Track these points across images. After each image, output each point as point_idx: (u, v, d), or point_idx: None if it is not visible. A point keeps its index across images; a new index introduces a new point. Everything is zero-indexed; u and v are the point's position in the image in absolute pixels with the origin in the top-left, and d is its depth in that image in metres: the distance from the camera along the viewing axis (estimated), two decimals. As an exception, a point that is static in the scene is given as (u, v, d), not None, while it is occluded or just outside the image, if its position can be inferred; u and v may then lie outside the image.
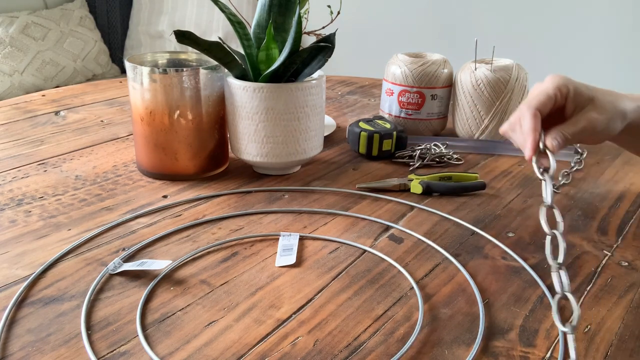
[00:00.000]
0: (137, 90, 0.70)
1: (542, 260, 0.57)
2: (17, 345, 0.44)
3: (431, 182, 0.71)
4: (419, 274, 0.54)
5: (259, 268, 0.55)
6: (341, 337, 0.45)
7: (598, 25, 1.93)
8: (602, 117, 0.57)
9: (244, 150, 0.73)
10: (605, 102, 0.58)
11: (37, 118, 0.97)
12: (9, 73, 1.96)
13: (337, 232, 0.62)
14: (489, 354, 0.44)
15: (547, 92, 0.56)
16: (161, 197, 0.69)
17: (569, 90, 0.57)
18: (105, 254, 0.56)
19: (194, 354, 0.43)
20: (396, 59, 0.92)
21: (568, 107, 0.58)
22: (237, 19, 0.70)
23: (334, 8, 0.81)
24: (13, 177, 0.73)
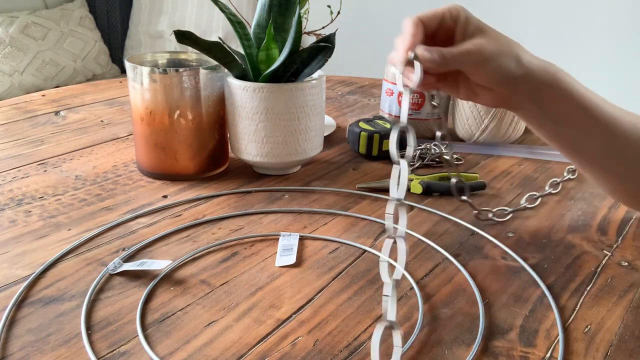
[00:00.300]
0: (137, 90, 0.70)
1: (542, 260, 0.57)
2: (17, 345, 0.44)
3: (431, 182, 0.71)
4: (419, 274, 0.54)
5: (259, 268, 0.55)
6: (341, 337, 0.45)
7: (598, 25, 1.93)
8: (491, 46, 0.52)
9: (244, 150, 0.73)
10: (499, 36, 0.53)
11: (37, 118, 0.97)
12: (9, 73, 1.96)
13: (337, 232, 0.62)
14: (489, 354, 0.44)
15: (437, 10, 0.53)
16: (161, 197, 0.69)
17: (459, 14, 0.53)
18: (105, 254, 0.56)
19: (194, 354, 0.43)
20: (396, 59, 0.92)
21: (457, 33, 0.53)
22: (237, 19, 0.70)
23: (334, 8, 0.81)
24: (13, 177, 0.73)
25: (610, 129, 0.55)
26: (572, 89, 0.54)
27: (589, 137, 0.55)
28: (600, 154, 0.56)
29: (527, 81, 0.54)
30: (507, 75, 0.53)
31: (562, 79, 0.54)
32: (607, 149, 0.56)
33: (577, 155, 0.58)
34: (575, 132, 0.56)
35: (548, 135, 0.57)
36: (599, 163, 0.57)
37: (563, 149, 0.58)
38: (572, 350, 0.45)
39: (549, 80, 0.54)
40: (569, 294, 0.52)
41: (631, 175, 0.57)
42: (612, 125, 0.55)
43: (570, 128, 0.55)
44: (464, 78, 0.56)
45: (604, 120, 0.55)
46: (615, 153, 0.56)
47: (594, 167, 0.58)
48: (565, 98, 0.54)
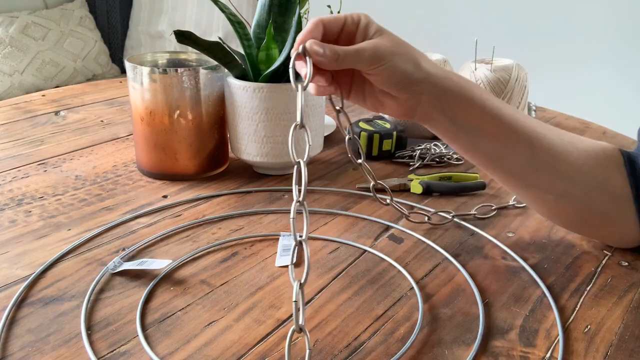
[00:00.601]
0: (137, 90, 0.70)
1: (542, 260, 0.57)
2: (17, 345, 0.44)
3: (431, 182, 0.71)
4: (419, 274, 0.54)
5: (259, 268, 0.55)
6: (341, 337, 0.45)
7: (598, 25, 1.93)
8: (387, 45, 0.50)
9: (244, 150, 0.73)
10: (398, 39, 0.51)
11: (37, 118, 0.97)
12: (9, 73, 1.96)
13: (337, 232, 0.62)
14: (489, 354, 0.44)
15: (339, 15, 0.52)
16: (161, 197, 0.69)
17: (360, 19, 0.51)
18: (105, 254, 0.56)
19: (194, 354, 0.43)
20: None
21: (358, 37, 0.52)
22: (237, 19, 0.70)
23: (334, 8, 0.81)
24: (13, 177, 0.73)
25: (534, 141, 0.53)
26: (483, 99, 0.53)
27: (513, 149, 0.53)
28: (526, 167, 0.54)
29: (429, 88, 0.52)
30: (405, 77, 0.51)
31: (469, 89, 0.53)
32: (534, 162, 0.53)
33: (502, 170, 0.55)
34: (496, 144, 0.53)
35: (464, 148, 0.55)
36: (527, 177, 0.55)
37: (484, 163, 0.55)
38: (572, 350, 0.45)
39: (454, 88, 0.52)
40: (569, 294, 0.52)
41: (565, 190, 0.54)
42: (536, 137, 0.53)
43: (489, 141, 0.53)
44: (369, 86, 0.54)
45: (525, 133, 0.53)
46: (543, 166, 0.53)
47: (521, 183, 0.56)
48: (476, 108, 0.52)
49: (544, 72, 1.92)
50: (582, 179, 0.54)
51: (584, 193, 0.54)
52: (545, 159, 0.53)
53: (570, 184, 0.54)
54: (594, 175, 0.54)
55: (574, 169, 0.54)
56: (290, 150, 0.45)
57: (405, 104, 0.53)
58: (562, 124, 1.00)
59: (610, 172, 0.54)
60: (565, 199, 0.55)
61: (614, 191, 0.54)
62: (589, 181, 0.54)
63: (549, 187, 0.55)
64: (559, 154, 0.53)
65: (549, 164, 0.53)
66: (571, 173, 0.54)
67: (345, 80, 0.55)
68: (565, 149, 0.54)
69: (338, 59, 0.49)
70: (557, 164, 0.53)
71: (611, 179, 0.54)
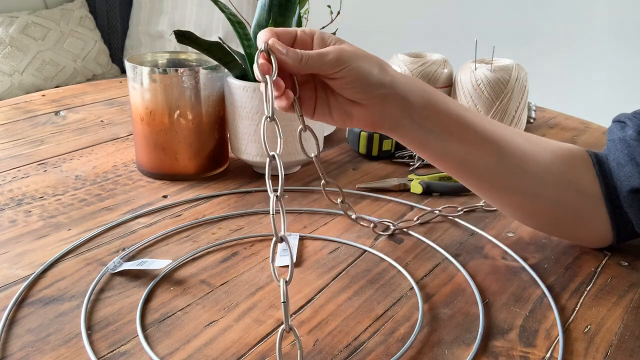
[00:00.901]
0: (137, 90, 0.70)
1: (542, 260, 0.57)
2: (17, 345, 0.44)
3: (431, 182, 0.71)
4: (419, 274, 0.54)
5: (259, 268, 0.55)
6: (341, 337, 0.45)
7: (598, 25, 1.93)
8: (350, 49, 0.49)
9: (244, 150, 0.73)
10: (357, 47, 0.51)
11: (37, 118, 0.97)
12: (9, 73, 1.96)
13: (337, 232, 0.62)
14: (489, 354, 0.44)
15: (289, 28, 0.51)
16: (161, 197, 0.69)
17: (314, 31, 0.51)
18: (105, 254, 0.56)
19: (194, 354, 0.43)
20: (396, 59, 0.92)
21: (315, 46, 0.51)
22: (237, 19, 0.70)
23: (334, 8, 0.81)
24: (13, 177, 0.73)
25: (502, 143, 0.53)
26: (448, 103, 0.53)
27: (482, 153, 0.53)
28: (496, 170, 0.54)
29: (396, 92, 0.51)
30: (371, 78, 0.50)
31: (433, 93, 0.53)
32: (504, 164, 0.53)
33: (472, 175, 0.55)
34: (465, 148, 0.53)
35: (434, 155, 0.55)
36: (498, 180, 0.55)
37: (455, 169, 0.55)
38: (572, 350, 0.45)
39: (420, 93, 0.52)
40: (569, 294, 0.52)
41: (537, 190, 0.55)
42: (504, 140, 0.53)
43: (458, 145, 0.53)
44: (333, 99, 0.52)
45: (493, 136, 0.53)
46: (513, 168, 0.54)
47: (493, 187, 0.56)
48: (442, 112, 0.52)
49: (544, 72, 1.92)
50: (552, 179, 0.55)
51: (554, 192, 0.55)
52: (515, 161, 0.54)
53: (540, 184, 0.55)
54: (564, 174, 0.55)
55: (543, 169, 0.54)
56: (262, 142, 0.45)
57: (372, 110, 0.51)
58: (562, 124, 1.00)
59: (579, 171, 0.55)
60: (537, 199, 0.55)
61: (584, 189, 0.55)
62: (559, 180, 0.55)
63: (520, 189, 0.55)
64: (528, 155, 0.54)
65: (518, 165, 0.54)
66: (541, 173, 0.54)
67: (309, 95, 0.53)
68: (533, 150, 0.54)
69: (302, 59, 0.48)
70: (527, 165, 0.54)
71: (581, 178, 0.55)
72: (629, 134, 0.55)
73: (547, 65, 1.99)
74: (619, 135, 0.56)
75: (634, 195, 0.53)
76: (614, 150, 0.55)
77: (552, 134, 0.95)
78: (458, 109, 0.53)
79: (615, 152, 0.55)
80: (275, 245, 0.40)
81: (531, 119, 0.97)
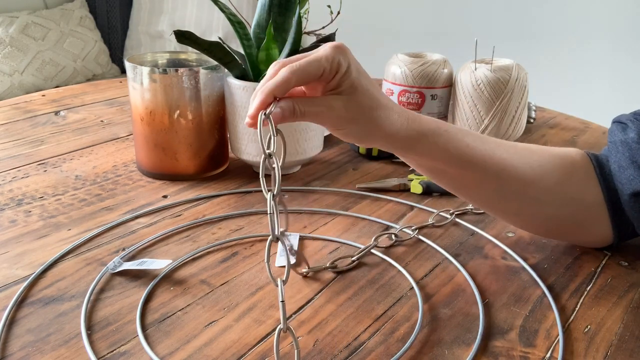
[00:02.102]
0: (137, 90, 0.70)
1: (542, 260, 0.57)
2: (17, 345, 0.44)
3: (431, 182, 0.71)
4: (419, 274, 0.54)
5: (259, 268, 0.55)
6: (341, 337, 0.45)
7: (598, 25, 1.93)
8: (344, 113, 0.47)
9: (244, 150, 0.73)
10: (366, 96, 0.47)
11: (37, 118, 0.97)
12: (9, 73, 1.96)
13: (337, 232, 0.62)
14: (489, 354, 0.44)
15: (319, 60, 0.45)
16: (161, 197, 0.69)
17: (340, 67, 0.46)
18: (105, 254, 0.56)
19: (194, 354, 0.43)
20: (396, 59, 0.92)
21: (332, 82, 0.47)
22: (237, 19, 0.70)
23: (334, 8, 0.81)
24: (13, 177, 0.73)
25: (502, 173, 0.53)
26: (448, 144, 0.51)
27: (480, 185, 0.54)
28: (493, 197, 0.55)
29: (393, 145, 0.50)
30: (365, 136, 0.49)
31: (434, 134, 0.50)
32: (502, 192, 0.54)
33: (468, 198, 0.56)
34: (462, 182, 0.54)
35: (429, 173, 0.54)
36: (494, 206, 0.56)
37: (451, 189, 0.56)
38: (572, 350, 0.45)
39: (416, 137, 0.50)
40: (569, 294, 0.52)
41: (535, 212, 0.56)
42: (504, 169, 0.53)
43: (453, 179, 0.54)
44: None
45: (494, 167, 0.52)
46: (511, 195, 0.54)
47: (489, 209, 0.57)
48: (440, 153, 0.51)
49: (544, 72, 1.92)
50: (552, 199, 0.55)
51: (554, 210, 0.55)
52: (514, 189, 0.54)
53: (539, 206, 0.55)
54: (566, 192, 0.55)
55: (543, 192, 0.54)
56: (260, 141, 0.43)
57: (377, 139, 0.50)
58: (562, 124, 1.00)
59: (583, 186, 0.55)
60: (534, 217, 0.57)
61: (588, 202, 0.55)
62: (561, 199, 0.55)
63: (517, 212, 0.56)
64: (529, 182, 0.54)
65: (517, 192, 0.54)
66: (540, 196, 0.54)
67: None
68: (535, 175, 0.54)
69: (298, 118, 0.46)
70: (526, 191, 0.54)
71: (585, 192, 0.55)
72: (630, 137, 0.54)
73: (547, 65, 1.99)
74: (620, 138, 0.55)
75: (636, 199, 0.53)
76: (615, 153, 0.55)
77: (552, 134, 0.95)
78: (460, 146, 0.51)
79: (617, 154, 0.55)
80: (270, 245, 0.40)
81: (531, 119, 0.97)
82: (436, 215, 0.65)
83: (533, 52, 1.99)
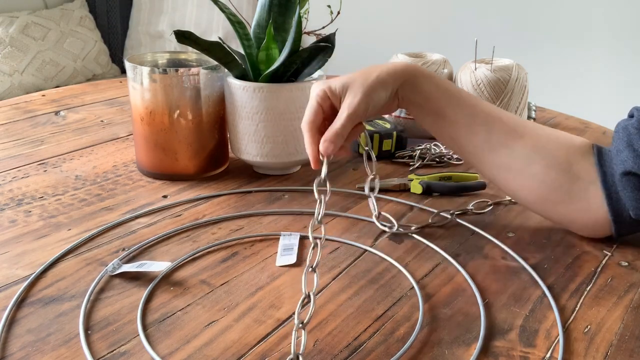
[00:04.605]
0: (137, 90, 0.70)
1: (542, 260, 0.57)
2: (17, 345, 0.44)
3: (431, 182, 0.71)
4: (419, 274, 0.54)
5: (259, 268, 0.55)
6: (341, 337, 0.45)
7: (598, 25, 1.93)
8: (358, 97, 0.57)
9: (244, 150, 0.73)
10: (357, 83, 0.58)
11: (37, 118, 0.97)
12: (9, 73, 1.96)
13: (337, 232, 0.62)
14: (489, 354, 0.44)
15: (311, 106, 0.59)
16: (161, 197, 0.69)
17: (326, 94, 0.58)
18: (105, 254, 0.56)
19: (194, 354, 0.43)
20: (396, 59, 0.92)
21: (339, 104, 0.59)
22: (237, 19, 0.70)
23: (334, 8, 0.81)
24: (13, 177, 0.73)
25: (490, 123, 0.59)
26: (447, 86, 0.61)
27: (470, 132, 0.60)
28: (482, 147, 0.60)
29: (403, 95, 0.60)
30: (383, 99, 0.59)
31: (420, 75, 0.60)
32: (490, 142, 0.59)
33: (462, 151, 0.62)
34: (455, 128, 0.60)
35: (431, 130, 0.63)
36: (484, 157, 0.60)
37: (447, 144, 0.63)
38: (572, 350, 0.45)
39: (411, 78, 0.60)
40: (569, 294, 0.52)
41: (522, 167, 0.58)
42: (492, 120, 0.59)
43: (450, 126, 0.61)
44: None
45: (484, 116, 0.59)
46: (498, 145, 0.59)
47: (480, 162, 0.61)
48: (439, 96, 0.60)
49: (544, 72, 1.92)
50: (540, 157, 0.58)
51: (541, 170, 0.58)
52: (501, 140, 0.59)
53: (526, 162, 0.58)
54: (555, 156, 0.58)
55: (531, 149, 0.58)
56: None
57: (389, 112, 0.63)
58: (562, 124, 1.00)
59: (573, 157, 0.58)
60: (523, 175, 0.59)
61: (576, 173, 0.57)
62: (548, 160, 0.58)
63: (506, 165, 0.59)
64: (516, 135, 0.59)
65: (504, 144, 0.59)
66: (528, 152, 0.58)
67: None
68: (524, 132, 0.59)
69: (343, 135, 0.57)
70: (513, 144, 0.58)
71: (574, 163, 0.57)
72: (631, 123, 0.57)
73: (547, 65, 1.99)
74: (622, 125, 0.58)
75: (627, 177, 0.55)
76: (616, 139, 0.57)
77: (552, 134, 0.95)
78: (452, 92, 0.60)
79: (617, 140, 0.57)
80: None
81: (531, 119, 0.97)
82: (436, 215, 0.65)
83: (533, 52, 1.99)
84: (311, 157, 0.57)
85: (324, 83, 0.59)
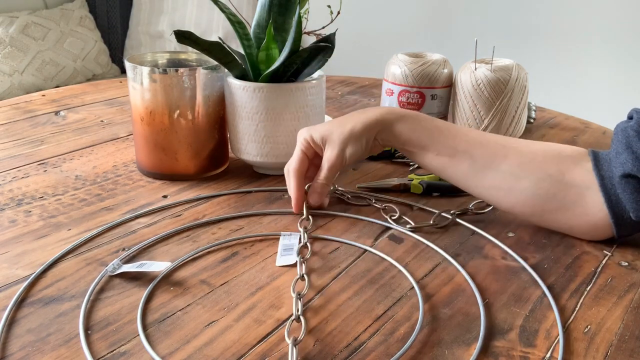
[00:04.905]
0: (137, 90, 0.70)
1: (542, 260, 0.57)
2: (17, 345, 0.44)
3: (431, 182, 0.71)
4: (419, 274, 0.54)
5: (259, 268, 0.55)
6: (341, 337, 0.45)
7: (598, 25, 1.93)
8: (335, 152, 0.63)
9: (244, 150, 0.73)
10: (334, 135, 0.63)
11: (37, 118, 0.97)
12: (9, 73, 1.96)
13: (337, 232, 0.62)
14: (489, 354, 0.44)
15: (297, 154, 0.64)
16: (161, 197, 0.69)
17: (309, 143, 0.64)
18: (105, 254, 0.56)
19: (194, 354, 0.43)
20: (396, 59, 0.92)
21: (321, 152, 0.64)
22: (237, 19, 0.70)
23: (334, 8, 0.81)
24: (13, 177, 0.73)
25: (471, 149, 0.61)
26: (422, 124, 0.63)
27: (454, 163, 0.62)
28: (468, 172, 0.61)
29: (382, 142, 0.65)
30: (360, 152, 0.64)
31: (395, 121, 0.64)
32: (475, 166, 0.61)
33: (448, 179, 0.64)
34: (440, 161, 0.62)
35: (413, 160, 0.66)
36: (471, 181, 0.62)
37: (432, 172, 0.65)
38: (572, 350, 0.45)
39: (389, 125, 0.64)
40: (569, 294, 0.52)
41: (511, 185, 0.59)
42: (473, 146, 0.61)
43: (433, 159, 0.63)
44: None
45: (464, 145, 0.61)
46: (483, 168, 0.61)
47: (468, 186, 0.63)
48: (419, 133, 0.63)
49: (544, 72, 1.92)
50: (527, 173, 0.59)
51: (530, 185, 0.58)
52: (485, 164, 0.60)
53: (514, 179, 0.59)
54: (543, 169, 0.59)
55: (517, 166, 0.59)
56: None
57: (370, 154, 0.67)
58: (562, 124, 1.00)
59: (565, 166, 0.58)
60: (513, 192, 0.60)
61: (569, 181, 0.58)
62: (537, 174, 0.58)
63: (495, 185, 0.61)
64: (500, 156, 0.60)
65: (488, 167, 0.60)
66: (514, 170, 0.59)
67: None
68: (507, 152, 0.60)
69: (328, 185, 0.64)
70: (498, 165, 0.60)
71: (566, 172, 0.58)
72: (630, 125, 0.57)
73: (547, 65, 1.99)
74: (622, 127, 0.58)
75: (627, 180, 0.55)
76: (616, 141, 0.57)
77: (552, 134, 0.95)
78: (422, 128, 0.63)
79: (616, 142, 0.57)
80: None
81: (531, 119, 0.97)
82: (436, 216, 0.65)
83: (533, 52, 2.00)
84: (295, 201, 0.63)
85: (307, 131, 0.64)
